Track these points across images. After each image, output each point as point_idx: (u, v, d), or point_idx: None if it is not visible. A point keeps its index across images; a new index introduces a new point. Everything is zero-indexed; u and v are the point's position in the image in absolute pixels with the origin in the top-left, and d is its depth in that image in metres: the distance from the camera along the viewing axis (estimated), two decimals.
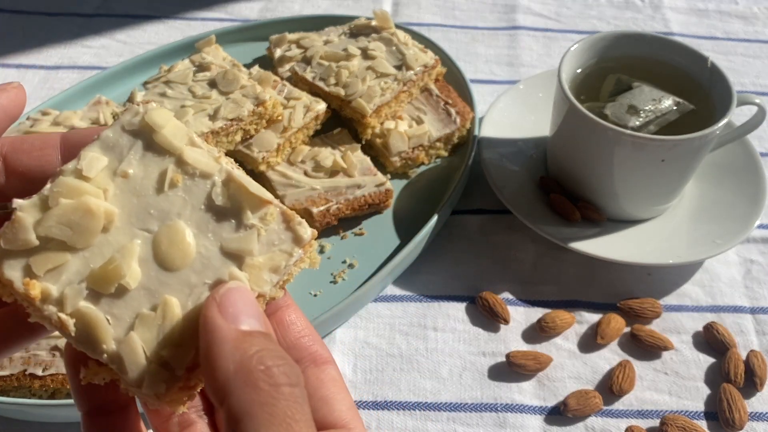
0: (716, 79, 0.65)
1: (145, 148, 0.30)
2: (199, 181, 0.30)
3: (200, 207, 0.30)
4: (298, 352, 0.33)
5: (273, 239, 0.30)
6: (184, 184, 0.30)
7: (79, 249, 0.29)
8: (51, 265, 0.28)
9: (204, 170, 0.30)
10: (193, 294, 0.29)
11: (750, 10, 1.04)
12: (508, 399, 0.59)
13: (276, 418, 0.24)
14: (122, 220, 0.29)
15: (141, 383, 0.27)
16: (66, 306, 0.28)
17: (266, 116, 0.69)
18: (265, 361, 0.25)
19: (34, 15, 0.98)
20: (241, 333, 0.26)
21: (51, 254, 0.28)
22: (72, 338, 0.28)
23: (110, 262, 0.28)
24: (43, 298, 0.28)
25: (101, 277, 0.28)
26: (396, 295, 0.66)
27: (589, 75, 0.70)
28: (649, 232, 0.68)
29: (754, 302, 0.66)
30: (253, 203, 0.30)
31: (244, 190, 0.30)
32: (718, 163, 0.72)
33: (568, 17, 1.02)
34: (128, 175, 0.30)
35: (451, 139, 0.75)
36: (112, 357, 0.28)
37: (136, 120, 0.31)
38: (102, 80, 0.81)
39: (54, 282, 0.28)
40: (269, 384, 0.25)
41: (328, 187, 0.69)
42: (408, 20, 0.99)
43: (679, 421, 0.56)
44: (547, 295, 0.66)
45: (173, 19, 0.99)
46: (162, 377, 0.27)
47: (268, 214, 0.30)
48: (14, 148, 0.33)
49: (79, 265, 0.28)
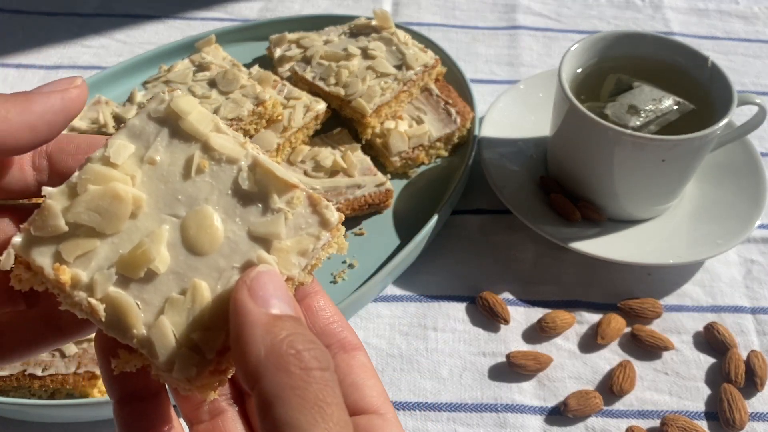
0: (717, 79, 0.65)
1: (172, 135, 0.31)
2: (226, 167, 0.30)
3: (227, 192, 0.30)
4: (327, 338, 0.33)
5: (300, 223, 0.30)
6: (210, 169, 0.30)
7: (108, 235, 0.29)
8: (80, 251, 0.28)
9: (230, 155, 0.30)
10: (222, 278, 0.29)
11: (750, 9, 1.04)
12: (508, 399, 0.59)
13: (308, 401, 0.24)
14: (150, 206, 0.29)
15: (171, 367, 0.27)
16: (96, 291, 0.28)
17: (266, 116, 0.69)
18: (296, 345, 0.25)
19: (33, 15, 0.98)
20: (271, 317, 0.26)
21: (80, 240, 0.28)
22: (102, 324, 0.28)
23: (139, 247, 0.28)
24: (73, 284, 0.28)
25: (130, 262, 0.28)
26: (396, 295, 0.66)
27: (590, 75, 0.69)
28: (649, 232, 0.68)
29: (754, 302, 0.66)
30: (279, 187, 0.30)
31: (271, 175, 0.30)
32: (718, 163, 0.72)
33: (568, 17, 1.02)
34: (155, 162, 0.30)
35: (451, 139, 0.75)
36: (142, 341, 0.27)
37: (161, 107, 0.31)
38: (102, 80, 0.81)
39: (84, 268, 0.28)
40: (300, 368, 0.25)
41: (328, 187, 0.68)
42: (408, 20, 0.99)
43: (679, 421, 0.56)
44: (547, 295, 0.66)
45: (173, 18, 0.99)
46: (192, 361, 0.27)
47: (295, 198, 0.30)
48: (60, 149, 0.32)
49: (109, 251, 0.29)
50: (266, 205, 0.30)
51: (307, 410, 0.24)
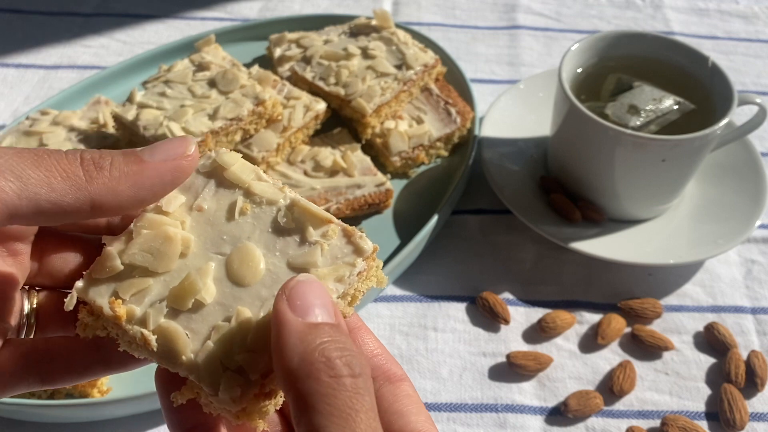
0: (717, 79, 0.65)
1: (217, 185, 0.34)
2: (266, 208, 0.33)
3: (267, 230, 0.32)
4: (372, 371, 0.34)
5: (336, 253, 0.32)
6: (252, 211, 0.33)
7: (160, 274, 0.31)
8: (135, 290, 0.31)
9: (270, 198, 0.33)
10: (265, 306, 0.31)
11: (751, 9, 1.04)
12: (508, 399, 0.59)
13: (336, 409, 0.25)
14: (198, 246, 0.32)
15: (217, 389, 0.28)
16: (149, 323, 0.30)
17: (266, 116, 0.69)
18: (328, 353, 0.26)
19: (33, 14, 0.98)
20: (306, 326, 0.27)
21: (135, 280, 0.31)
22: (154, 354, 0.30)
23: (187, 279, 0.31)
24: (128, 318, 0.30)
25: (179, 294, 0.30)
26: (396, 295, 0.66)
27: (590, 75, 0.69)
28: (649, 232, 0.68)
29: (755, 302, 0.66)
30: (315, 222, 0.32)
31: (308, 212, 0.33)
32: (719, 162, 0.72)
33: (568, 17, 1.02)
34: (203, 209, 0.33)
35: (451, 138, 0.75)
36: (189, 367, 0.29)
37: (208, 162, 0.34)
38: (101, 80, 0.81)
39: (138, 304, 0.31)
40: (329, 375, 0.25)
41: (328, 186, 0.68)
42: (408, 20, 0.99)
43: (679, 421, 0.56)
44: (547, 295, 0.66)
45: (173, 18, 0.99)
46: (237, 382, 0.29)
47: (330, 231, 0.32)
48: None
49: (161, 288, 0.31)
50: (303, 238, 0.32)
51: (335, 418, 0.25)
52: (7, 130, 0.70)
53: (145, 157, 0.30)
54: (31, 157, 0.27)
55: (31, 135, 0.68)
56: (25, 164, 0.27)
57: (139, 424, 0.57)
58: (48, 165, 0.28)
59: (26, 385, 0.33)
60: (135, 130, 0.65)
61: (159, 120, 0.65)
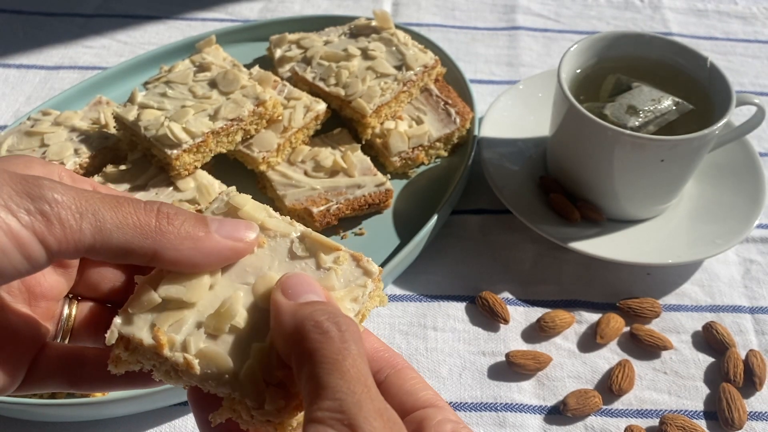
0: (715, 79, 0.65)
1: None
2: (280, 240, 0.37)
3: (285, 259, 0.36)
4: (377, 363, 0.37)
5: (349, 277, 0.36)
6: (268, 244, 0.36)
7: (192, 304, 0.34)
8: (172, 321, 0.33)
9: (283, 232, 0.37)
10: None
11: (749, 10, 1.04)
12: (507, 398, 0.59)
13: (325, 357, 0.28)
14: (225, 279, 0.35)
15: (263, 403, 0.31)
16: (190, 348, 0.32)
17: (266, 116, 0.69)
18: (316, 317, 0.29)
19: (34, 15, 0.98)
20: (298, 304, 0.31)
21: (171, 312, 0.33)
22: (197, 377, 0.32)
23: (222, 306, 0.33)
24: (170, 346, 0.33)
25: (217, 319, 0.33)
26: (396, 294, 0.66)
27: (589, 75, 0.70)
28: (648, 231, 0.68)
29: (753, 302, 0.67)
30: (326, 250, 0.36)
31: (318, 242, 0.36)
32: (717, 163, 0.72)
33: (567, 17, 1.02)
34: None
35: (451, 139, 0.76)
36: (234, 385, 0.32)
37: (222, 205, 0.38)
38: (102, 80, 0.81)
39: (176, 333, 0.33)
40: (319, 333, 0.29)
41: (328, 187, 0.69)
42: (408, 20, 0.99)
43: (678, 420, 0.56)
44: (546, 294, 0.67)
45: (174, 19, 0.99)
46: (280, 395, 0.31)
47: (340, 257, 0.36)
48: None
49: (195, 317, 0.34)
50: (318, 264, 0.36)
51: (325, 364, 0.28)
52: (9, 130, 0.70)
53: (212, 228, 0.34)
54: (111, 202, 0.31)
55: (33, 135, 0.69)
56: (105, 208, 0.31)
57: (139, 423, 0.57)
58: (126, 211, 0.31)
59: (55, 385, 0.36)
60: (136, 130, 0.65)
61: (160, 120, 0.65)
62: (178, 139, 0.64)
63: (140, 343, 0.33)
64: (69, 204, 0.30)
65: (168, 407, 0.58)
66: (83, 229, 0.30)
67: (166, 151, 0.63)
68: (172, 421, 0.58)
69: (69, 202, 0.30)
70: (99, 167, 0.69)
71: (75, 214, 0.30)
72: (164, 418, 0.58)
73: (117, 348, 0.33)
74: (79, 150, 0.68)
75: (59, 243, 0.29)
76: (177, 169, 0.65)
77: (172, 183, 0.66)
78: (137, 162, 0.68)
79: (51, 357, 0.36)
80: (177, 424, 0.58)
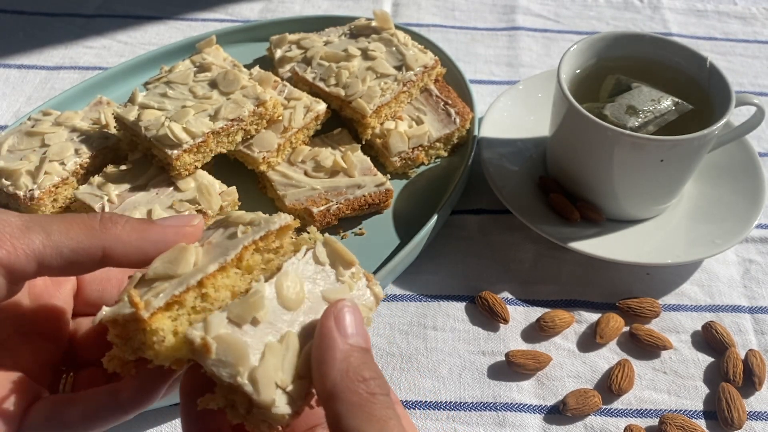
0: (715, 80, 0.65)
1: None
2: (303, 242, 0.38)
3: (308, 262, 0.37)
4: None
5: (359, 295, 0.37)
6: None
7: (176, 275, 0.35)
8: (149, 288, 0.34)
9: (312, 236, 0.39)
10: (303, 333, 0.34)
11: (749, 10, 1.04)
12: (507, 398, 0.59)
13: (374, 416, 0.30)
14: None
15: (272, 404, 0.32)
16: (210, 330, 0.33)
17: (266, 116, 0.70)
18: (364, 373, 0.32)
19: (35, 15, 0.99)
20: (348, 347, 0.32)
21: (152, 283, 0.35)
22: (210, 360, 0.32)
23: (253, 295, 0.34)
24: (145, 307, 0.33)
25: (244, 308, 0.33)
26: (396, 294, 0.66)
27: (589, 75, 0.70)
28: (648, 231, 0.68)
29: (752, 302, 0.67)
30: (344, 261, 0.37)
31: (338, 250, 0.37)
32: (717, 163, 0.72)
33: (567, 18, 1.02)
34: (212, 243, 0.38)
35: (450, 139, 0.76)
36: (250, 378, 0.32)
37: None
38: (103, 81, 0.82)
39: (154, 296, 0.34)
40: (367, 392, 0.31)
41: (328, 187, 0.69)
42: (408, 21, 0.99)
43: (677, 420, 0.56)
44: (546, 294, 0.67)
45: (174, 19, 0.99)
46: (289, 401, 0.32)
47: (356, 273, 0.37)
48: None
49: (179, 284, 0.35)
50: (336, 275, 0.37)
51: (373, 423, 0.30)
52: (9, 130, 0.70)
53: (156, 222, 0.36)
54: (56, 216, 0.34)
55: (33, 135, 0.69)
56: (51, 221, 0.34)
57: (139, 423, 0.57)
58: (70, 219, 0.34)
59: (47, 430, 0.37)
60: (136, 130, 0.65)
61: (160, 120, 0.65)
62: (179, 139, 0.64)
63: (122, 317, 0.33)
64: (15, 222, 0.33)
65: (168, 407, 0.58)
66: (32, 238, 0.32)
67: (167, 151, 0.64)
68: (172, 421, 0.58)
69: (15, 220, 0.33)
70: (99, 167, 0.69)
71: (22, 227, 0.33)
72: (164, 418, 0.58)
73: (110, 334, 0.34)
74: (80, 150, 0.68)
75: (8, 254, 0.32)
76: (177, 169, 0.65)
77: (172, 183, 0.66)
78: (138, 162, 0.68)
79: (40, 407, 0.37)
80: (177, 424, 0.58)
